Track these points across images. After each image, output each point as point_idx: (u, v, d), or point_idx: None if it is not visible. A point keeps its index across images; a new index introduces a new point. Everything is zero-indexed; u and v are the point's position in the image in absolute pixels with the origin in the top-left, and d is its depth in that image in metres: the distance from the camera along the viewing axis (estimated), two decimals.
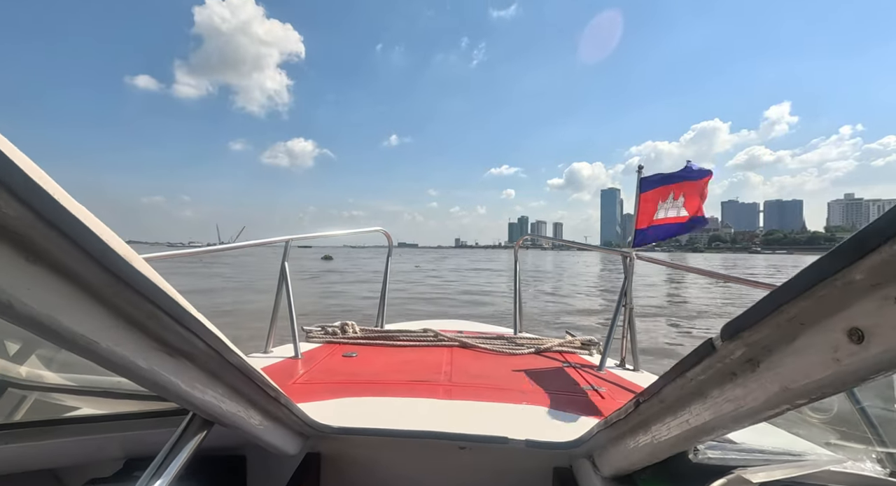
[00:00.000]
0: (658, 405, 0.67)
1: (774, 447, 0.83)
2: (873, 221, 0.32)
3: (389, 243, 3.00)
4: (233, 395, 0.72)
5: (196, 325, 0.53)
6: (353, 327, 2.33)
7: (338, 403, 1.34)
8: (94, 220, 0.38)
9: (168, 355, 0.54)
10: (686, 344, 6.62)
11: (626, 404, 0.76)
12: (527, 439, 1.08)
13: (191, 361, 0.59)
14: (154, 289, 0.45)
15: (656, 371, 2.19)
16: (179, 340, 0.53)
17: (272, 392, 0.79)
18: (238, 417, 0.75)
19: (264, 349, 2.06)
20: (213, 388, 0.66)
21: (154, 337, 0.51)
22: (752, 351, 0.47)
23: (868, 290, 0.34)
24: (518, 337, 2.35)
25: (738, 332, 0.46)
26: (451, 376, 1.66)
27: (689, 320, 9.18)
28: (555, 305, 11.58)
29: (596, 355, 2.16)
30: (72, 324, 0.40)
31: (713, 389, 0.56)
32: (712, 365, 0.53)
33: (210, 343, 0.56)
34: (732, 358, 0.49)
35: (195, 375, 0.61)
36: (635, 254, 2.11)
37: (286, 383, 1.55)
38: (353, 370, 1.72)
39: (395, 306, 8.85)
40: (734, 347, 0.48)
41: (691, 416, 0.61)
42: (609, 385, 1.64)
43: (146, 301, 0.45)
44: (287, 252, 2.12)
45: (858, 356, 0.37)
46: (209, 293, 12.08)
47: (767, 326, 0.43)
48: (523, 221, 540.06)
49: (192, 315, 0.52)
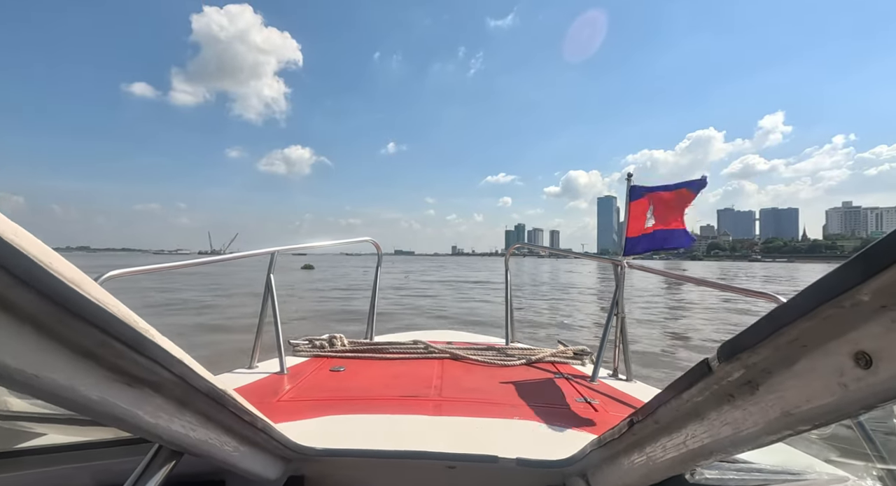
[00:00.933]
0: (653, 425, 0.64)
1: (774, 465, 0.81)
2: (882, 237, 0.30)
3: (379, 252, 2.96)
4: (204, 422, 0.67)
5: (157, 351, 0.48)
6: (341, 340, 2.27)
7: (323, 421, 1.29)
8: (31, 238, 0.34)
9: (126, 385, 0.50)
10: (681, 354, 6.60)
11: (620, 423, 0.73)
12: (518, 457, 1.04)
13: (154, 390, 0.54)
14: (103, 315, 0.41)
15: (649, 381, 2.16)
16: (138, 368, 0.49)
17: (247, 417, 0.74)
18: (210, 445, 0.70)
19: (249, 364, 2.00)
20: (181, 417, 0.61)
21: (108, 367, 0.46)
22: (751, 373, 0.44)
23: (876, 312, 0.32)
24: (509, 348, 2.32)
25: (735, 353, 0.44)
26: (441, 390, 1.61)
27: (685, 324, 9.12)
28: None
29: (588, 365, 2.13)
30: (4, 358, 0.36)
31: (710, 411, 0.53)
32: (709, 387, 0.50)
33: (174, 370, 0.52)
34: (730, 380, 0.47)
35: (160, 404, 0.56)
36: (626, 262, 2.09)
37: (270, 401, 1.50)
38: (340, 386, 1.67)
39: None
40: (731, 368, 0.45)
41: (688, 438, 0.59)
42: (602, 397, 1.61)
43: (94, 328, 0.41)
44: (273, 264, 2.07)
45: (865, 382, 0.34)
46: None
47: (767, 347, 0.40)
48: (520, 229, 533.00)
49: (152, 341, 0.47)
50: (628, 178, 2.12)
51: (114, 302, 0.44)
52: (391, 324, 8.29)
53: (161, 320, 8.98)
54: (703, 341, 7.43)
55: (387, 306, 11.92)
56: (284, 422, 1.30)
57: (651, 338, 7.71)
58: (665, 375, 4.97)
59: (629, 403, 1.61)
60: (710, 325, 9.51)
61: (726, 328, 8.91)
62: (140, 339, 0.46)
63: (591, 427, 1.28)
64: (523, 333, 7.22)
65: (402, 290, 17.55)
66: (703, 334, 8.19)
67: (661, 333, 8.34)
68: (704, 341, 7.50)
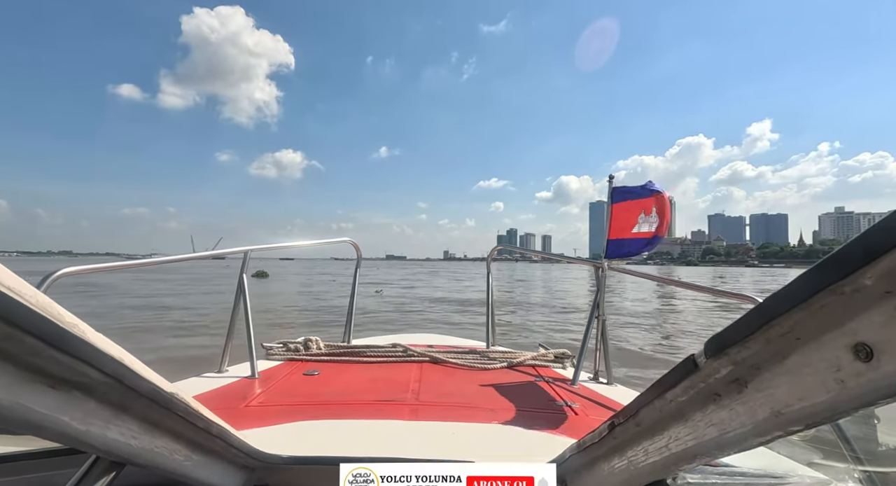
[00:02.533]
0: (634, 428, 0.61)
1: (757, 469, 0.78)
2: (887, 216, 0.27)
3: (358, 254, 2.90)
4: (148, 429, 0.60)
5: (83, 348, 0.42)
6: (317, 343, 2.20)
7: (293, 427, 1.23)
8: None
9: (48, 387, 0.43)
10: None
11: (601, 426, 0.69)
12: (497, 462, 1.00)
13: (84, 392, 0.48)
14: (12, 304, 0.35)
15: (630, 384, 2.15)
16: (60, 368, 0.42)
17: (201, 422, 0.68)
18: (156, 453, 0.63)
19: (218, 368, 1.91)
20: (120, 423, 0.54)
21: (21, 366, 0.40)
22: (740, 370, 0.41)
23: (880, 298, 0.29)
24: (490, 351, 2.28)
25: (723, 348, 0.40)
26: (418, 394, 1.56)
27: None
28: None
29: (569, 368, 2.11)
30: None
31: (695, 411, 0.50)
32: (694, 385, 0.47)
33: (106, 370, 0.46)
34: (717, 377, 0.44)
35: (91, 409, 0.49)
36: (607, 265, 2.09)
37: (237, 406, 1.42)
38: (313, 391, 1.60)
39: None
40: (719, 364, 0.42)
41: (671, 441, 0.55)
42: (582, 401, 1.59)
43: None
44: (245, 264, 1.99)
45: (865, 377, 0.31)
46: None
47: (757, 341, 0.37)
48: (512, 234, 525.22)
49: (78, 337, 0.41)
50: (610, 179, 2.12)
51: (31, 292, 0.38)
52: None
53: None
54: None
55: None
56: (251, 429, 1.23)
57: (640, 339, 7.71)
58: (650, 374, 4.99)
59: (609, 406, 1.59)
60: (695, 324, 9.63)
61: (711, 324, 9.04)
62: (61, 333, 0.40)
63: (570, 431, 1.25)
64: (505, 337, 7.16)
65: (363, 316, 10.57)
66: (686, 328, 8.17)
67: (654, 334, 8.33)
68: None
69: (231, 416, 1.27)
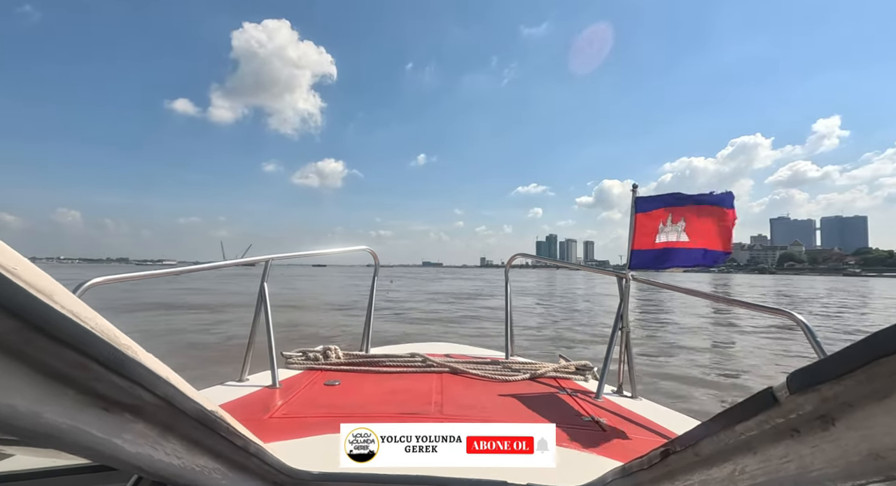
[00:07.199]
0: (692, 458, 0.58)
1: None
2: None
3: (376, 262, 2.90)
4: (191, 449, 0.59)
5: (139, 371, 0.42)
6: (335, 352, 2.19)
7: (319, 441, 1.21)
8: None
9: (103, 410, 0.43)
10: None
11: (651, 452, 0.66)
12: (528, 483, 0.97)
13: (135, 415, 0.47)
14: (80, 332, 0.34)
15: (654, 398, 2.10)
16: (117, 391, 0.42)
17: (240, 441, 0.67)
18: (196, 473, 0.62)
19: (240, 377, 1.91)
20: (165, 443, 0.54)
21: (82, 391, 0.39)
22: (828, 407, 0.38)
23: None
24: (511, 362, 2.24)
25: (812, 384, 0.38)
26: (441, 406, 1.54)
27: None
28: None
29: (591, 380, 2.07)
30: None
31: (766, 445, 0.47)
32: (770, 420, 0.44)
33: (158, 392, 0.45)
34: (800, 414, 0.41)
35: (141, 430, 0.49)
36: (631, 275, 2.05)
37: (261, 417, 1.41)
38: (335, 401, 1.59)
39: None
40: (804, 401, 0.39)
41: (735, 473, 0.52)
42: (609, 416, 1.55)
43: (67, 347, 0.34)
44: (267, 272, 2.00)
45: None
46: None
47: (856, 378, 0.35)
48: (552, 240, 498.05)
49: (134, 360, 0.41)
50: (633, 189, 2.09)
51: (91, 315, 0.37)
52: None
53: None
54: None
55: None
56: (277, 441, 1.22)
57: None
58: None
59: (638, 422, 1.55)
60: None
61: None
62: (120, 357, 0.39)
63: (602, 450, 1.22)
64: (522, 347, 7.05)
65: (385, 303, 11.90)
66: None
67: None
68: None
69: (256, 428, 1.25)
